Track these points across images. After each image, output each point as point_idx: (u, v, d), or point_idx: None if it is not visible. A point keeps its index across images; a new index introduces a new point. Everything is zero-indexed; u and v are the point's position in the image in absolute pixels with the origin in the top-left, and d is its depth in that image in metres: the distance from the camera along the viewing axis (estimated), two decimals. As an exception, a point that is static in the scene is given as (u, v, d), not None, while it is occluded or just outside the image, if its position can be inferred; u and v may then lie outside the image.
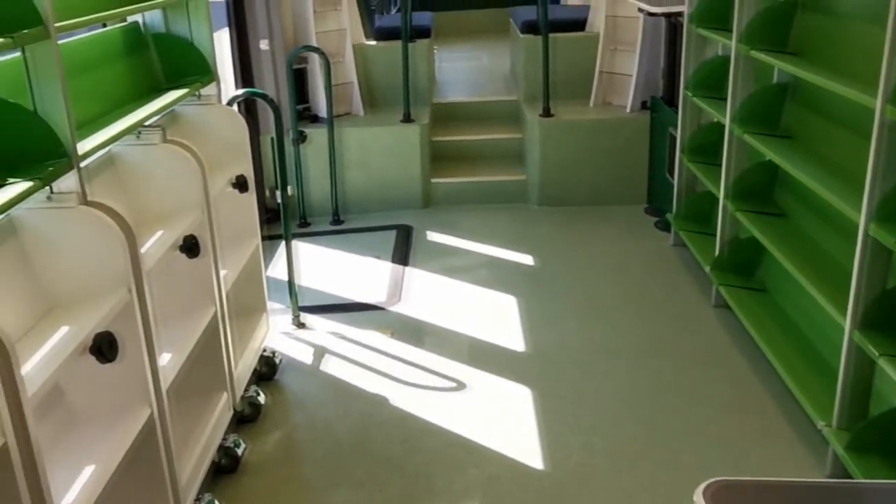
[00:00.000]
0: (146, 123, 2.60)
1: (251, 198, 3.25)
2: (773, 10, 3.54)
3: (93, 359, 2.02)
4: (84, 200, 2.09)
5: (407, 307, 4.20)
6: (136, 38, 2.92)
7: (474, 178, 5.70)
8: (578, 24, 6.05)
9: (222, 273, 2.90)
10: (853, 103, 2.76)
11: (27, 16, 1.88)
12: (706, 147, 4.41)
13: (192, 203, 2.66)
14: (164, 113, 2.79)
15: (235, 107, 3.65)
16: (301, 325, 3.99)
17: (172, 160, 2.60)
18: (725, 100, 3.87)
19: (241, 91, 3.76)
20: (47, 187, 2.03)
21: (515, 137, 5.96)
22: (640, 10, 5.03)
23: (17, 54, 2.01)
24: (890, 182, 2.51)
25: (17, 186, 1.90)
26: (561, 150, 5.47)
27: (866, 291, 2.62)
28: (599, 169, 5.46)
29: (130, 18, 2.92)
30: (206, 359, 2.81)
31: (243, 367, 3.17)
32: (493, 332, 3.91)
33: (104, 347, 2.01)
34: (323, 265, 4.80)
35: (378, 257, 4.83)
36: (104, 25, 2.79)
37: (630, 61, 5.50)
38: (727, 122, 3.79)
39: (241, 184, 3.05)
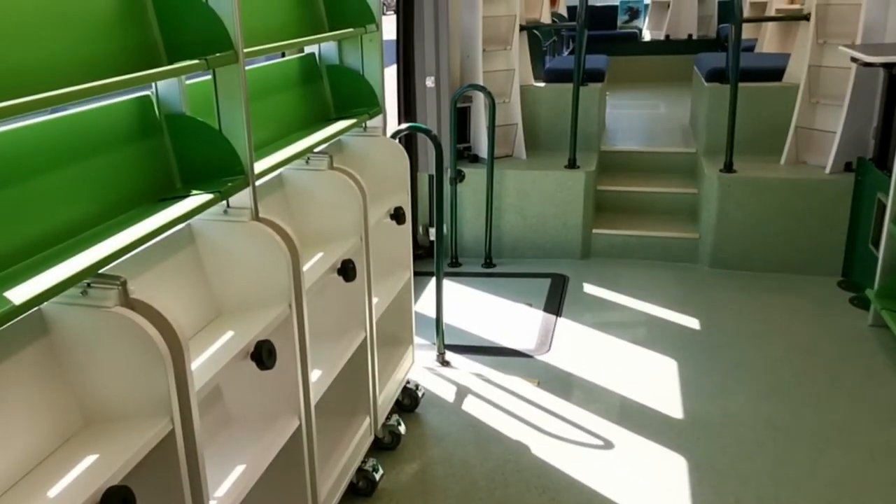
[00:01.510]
0: (315, 150, 2.97)
1: (406, 230, 3.57)
2: None
3: (252, 365, 2.33)
4: (256, 216, 2.43)
5: (556, 358, 4.36)
6: (311, 68, 3.34)
7: (640, 231, 5.79)
8: (774, 73, 6.00)
9: (374, 300, 3.20)
10: None
11: (219, 40, 2.26)
12: None
13: (352, 229, 2.99)
14: (331, 141, 3.15)
15: (398, 141, 4.01)
16: (445, 363, 4.26)
17: (337, 186, 2.95)
18: None
19: (405, 125, 4.13)
20: (224, 201, 2.40)
21: (689, 192, 6.02)
22: (854, 59, 4.78)
23: (208, 77, 2.39)
24: None
25: (199, 198, 2.26)
26: (742, 209, 5.41)
27: None
28: (786, 233, 5.34)
29: (308, 49, 3.35)
30: (352, 382, 3.11)
31: (386, 395, 3.46)
32: (647, 393, 3.97)
33: (264, 355, 2.31)
34: (471, 306, 5.06)
35: (529, 304, 5.04)
36: (283, 55, 3.22)
37: (835, 117, 5.31)
38: None
39: (398, 215, 3.37)
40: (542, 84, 6.35)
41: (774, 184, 5.34)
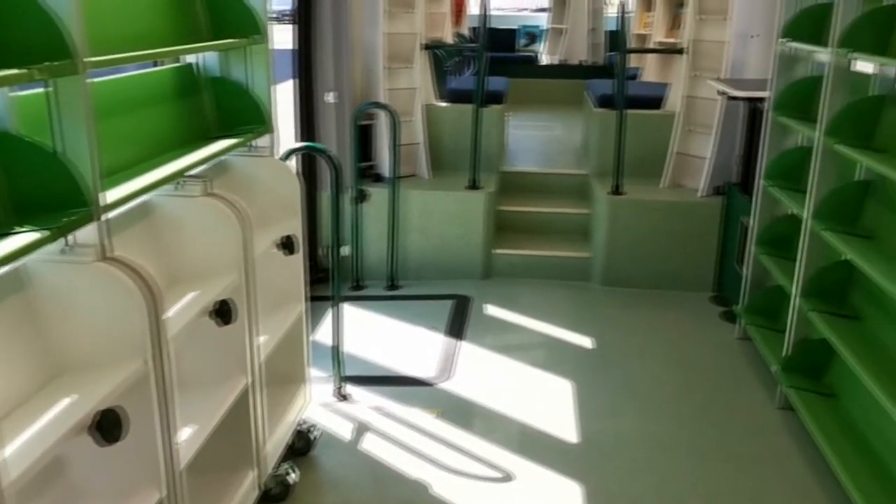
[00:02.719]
0: (191, 173, 2.35)
1: (298, 259, 2.96)
2: (861, 105, 3.30)
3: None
4: (103, 256, 1.82)
5: (457, 385, 3.84)
6: (188, 80, 2.69)
7: (538, 251, 5.36)
8: (654, 101, 5.75)
9: (260, 340, 2.60)
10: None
11: (54, 47, 1.64)
12: (779, 240, 4.14)
13: (231, 263, 2.37)
14: (211, 163, 2.54)
15: (295, 160, 3.41)
16: (343, 397, 3.66)
17: (212, 215, 2.32)
18: (804, 192, 3.66)
19: (298, 144, 3.50)
20: (65, 238, 1.78)
21: (582, 213, 5.63)
22: (722, 92, 4.72)
23: (42, 89, 1.75)
24: None
25: (29, 235, 1.64)
26: (629, 230, 5.14)
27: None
28: (667, 253, 5.13)
29: (187, 59, 2.71)
30: (234, 433, 2.49)
31: (275, 442, 2.84)
32: (546, 418, 3.56)
33: (107, 427, 1.71)
34: (373, 332, 4.48)
35: (432, 328, 4.49)
36: (156, 64, 2.58)
37: (705, 144, 5.20)
38: (806, 217, 3.51)
39: (288, 245, 2.77)
40: (445, 104, 5.82)
41: (657, 206, 5.16)
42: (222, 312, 2.24)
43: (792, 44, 3.94)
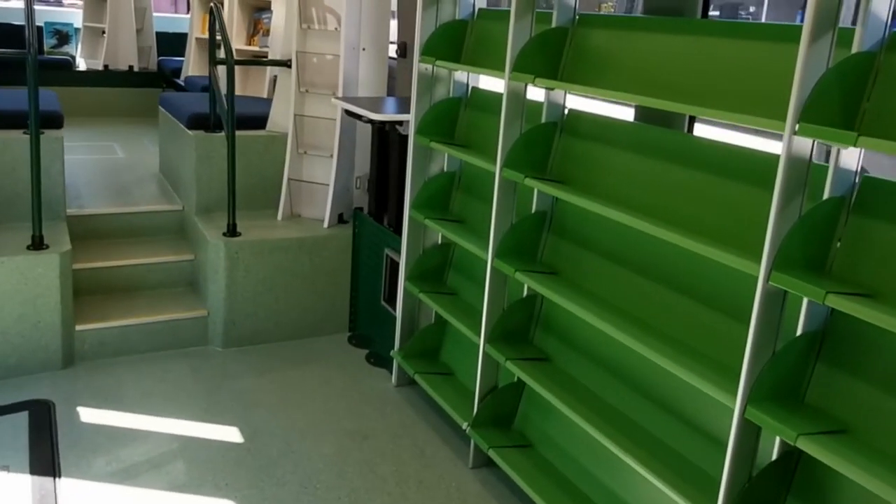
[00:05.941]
0: None
1: None
2: (534, 133, 3.12)
3: None
4: None
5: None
6: None
7: (136, 318, 4.17)
8: (257, 120, 4.98)
9: None
10: (621, 236, 2.76)
11: None
12: (430, 273, 3.91)
13: None
14: None
15: None
16: None
17: None
18: (457, 222, 3.58)
19: None
20: None
21: (185, 260, 4.61)
22: (353, 115, 4.18)
23: None
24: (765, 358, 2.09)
25: None
26: (251, 275, 4.32)
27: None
28: (297, 296, 4.48)
29: None
30: None
31: None
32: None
33: None
34: None
35: (6, 469, 3.07)
36: None
37: (324, 168, 4.66)
38: (489, 257, 3.22)
39: None
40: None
41: (281, 244, 4.43)
42: None
43: (437, 62, 3.65)
